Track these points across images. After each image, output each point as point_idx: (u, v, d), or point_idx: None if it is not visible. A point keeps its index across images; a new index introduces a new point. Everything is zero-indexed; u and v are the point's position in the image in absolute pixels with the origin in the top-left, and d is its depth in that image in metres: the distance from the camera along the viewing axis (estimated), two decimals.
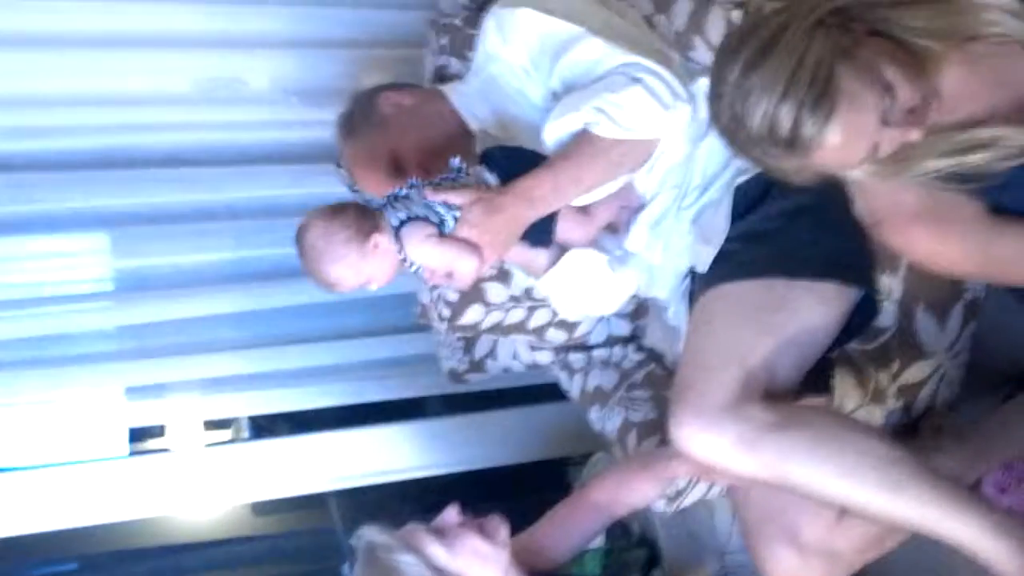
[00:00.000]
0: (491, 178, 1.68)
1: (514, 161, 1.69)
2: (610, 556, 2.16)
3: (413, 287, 2.40)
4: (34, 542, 2.75)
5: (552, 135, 1.67)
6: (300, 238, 1.71)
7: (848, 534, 1.63)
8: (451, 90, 1.94)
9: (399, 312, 2.59)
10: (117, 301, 2.48)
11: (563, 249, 1.80)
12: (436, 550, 1.58)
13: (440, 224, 1.62)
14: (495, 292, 2.20)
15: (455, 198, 1.61)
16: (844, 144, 1.31)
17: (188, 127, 2.46)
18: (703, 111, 1.62)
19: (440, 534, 1.61)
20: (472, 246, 1.61)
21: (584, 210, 1.74)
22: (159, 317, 2.43)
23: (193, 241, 2.46)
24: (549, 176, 1.62)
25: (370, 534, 1.62)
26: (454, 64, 2.09)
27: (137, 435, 2.92)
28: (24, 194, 2.34)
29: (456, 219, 1.61)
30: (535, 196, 1.61)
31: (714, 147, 1.67)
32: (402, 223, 1.64)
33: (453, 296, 2.21)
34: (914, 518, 1.42)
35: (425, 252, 1.63)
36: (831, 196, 1.59)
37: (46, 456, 2.83)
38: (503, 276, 2.18)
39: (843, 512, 1.60)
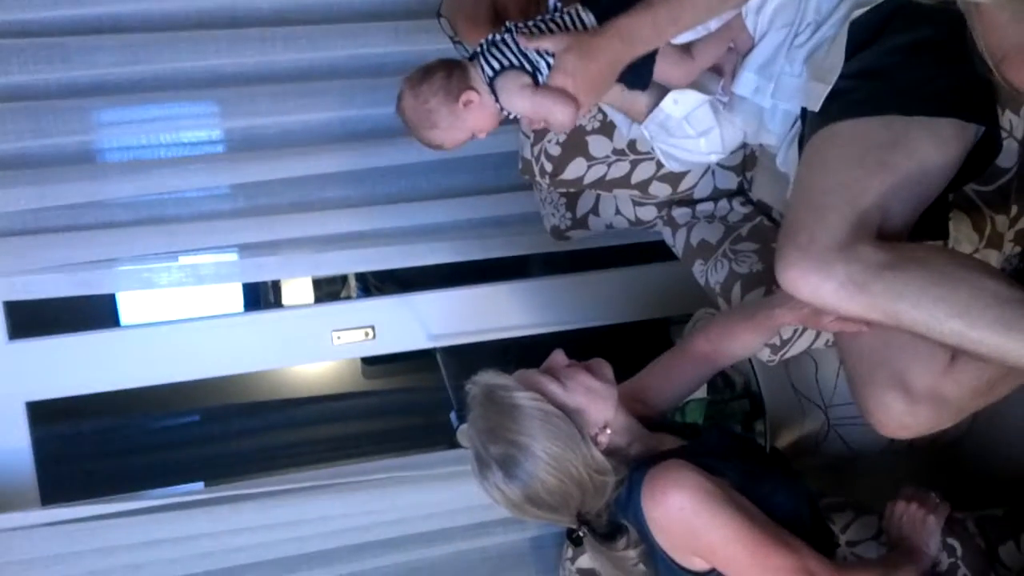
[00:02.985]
0: (588, 18, 1.62)
1: (615, 1, 1.63)
2: (712, 407, 2.18)
3: (517, 145, 2.40)
4: (160, 395, 2.90)
5: None
6: (398, 110, 1.72)
7: (958, 380, 1.60)
8: None
9: (504, 171, 2.60)
10: (228, 161, 2.52)
11: (664, 90, 1.76)
12: (551, 387, 1.63)
13: (534, 72, 1.60)
14: (598, 145, 2.18)
15: (549, 44, 1.58)
16: None
17: None
18: None
19: (551, 374, 1.66)
20: (567, 94, 1.58)
21: (686, 50, 1.69)
22: (268, 176, 2.48)
23: (299, 100, 2.46)
24: (647, 14, 1.57)
25: (487, 377, 1.67)
26: None
27: (251, 292, 3.03)
28: (133, 55, 2.38)
29: (550, 65, 1.58)
30: (632, 36, 1.57)
31: None
32: (496, 73, 1.62)
33: (555, 150, 2.20)
34: None
35: (520, 103, 1.61)
36: (951, 30, 1.52)
37: (168, 312, 2.97)
38: (606, 129, 2.16)
39: (954, 358, 1.58)
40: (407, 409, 3.50)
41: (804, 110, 1.67)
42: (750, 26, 1.70)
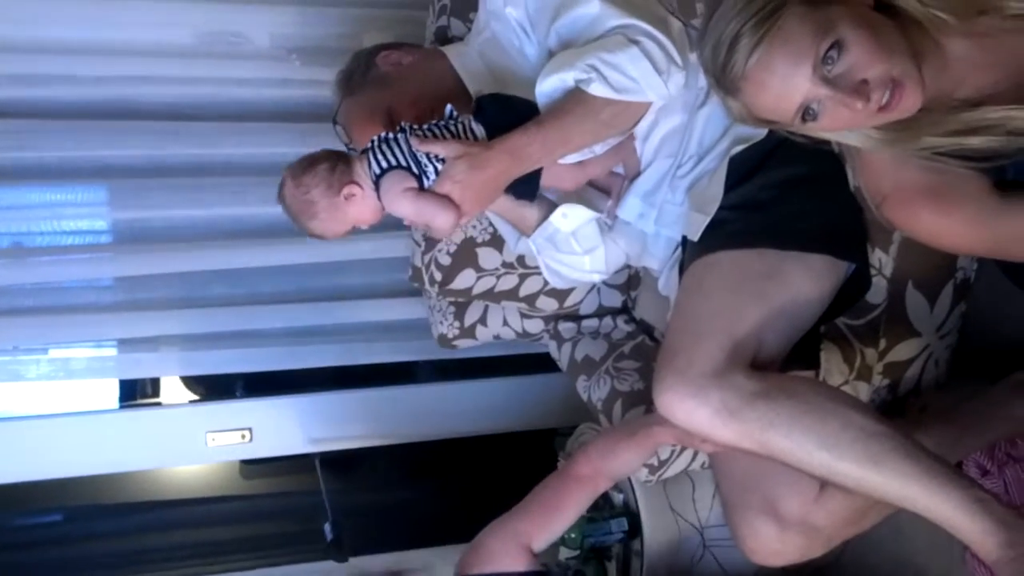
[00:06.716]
0: (479, 130, 1.64)
1: (505, 112, 1.65)
2: (591, 524, 2.17)
3: (407, 251, 2.40)
4: (20, 492, 2.76)
5: (544, 90, 1.64)
6: (279, 197, 1.71)
7: (828, 509, 1.63)
8: (451, 50, 1.93)
9: (393, 275, 2.59)
10: (113, 253, 2.47)
11: (553, 205, 1.79)
12: None
13: (421, 175, 1.60)
14: (488, 258, 2.20)
15: (441, 149, 1.59)
16: (769, 83, 1.31)
17: (188, 81, 2.45)
18: (701, 79, 1.61)
19: None
20: (450, 202, 1.58)
21: (577, 163, 1.72)
22: (154, 270, 2.43)
23: (190, 195, 2.44)
24: (538, 134, 1.59)
25: None
26: (456, 25, 2.09)
27: (128, 388, 2.93)
28: (24, 142, 2.34)
29: (438, 171, 1.59)
30: (522, 154, 1.59)
31: (712, 116, 1.66)
32: (383, 171, 1.62)
33: (446, 260, 2.21)
34: (893, 493, 1.43)
35: (402, 205, 1.61)
36: (827, 168, 1.59)
37: (37, 406, 2.84)
38: (496, 242, 2.18)
39: (824, 486, 1.60)
40: (283, 514, 3.39)
41: (685, 237, 1.71)
42: (639, 152, 1.74)
